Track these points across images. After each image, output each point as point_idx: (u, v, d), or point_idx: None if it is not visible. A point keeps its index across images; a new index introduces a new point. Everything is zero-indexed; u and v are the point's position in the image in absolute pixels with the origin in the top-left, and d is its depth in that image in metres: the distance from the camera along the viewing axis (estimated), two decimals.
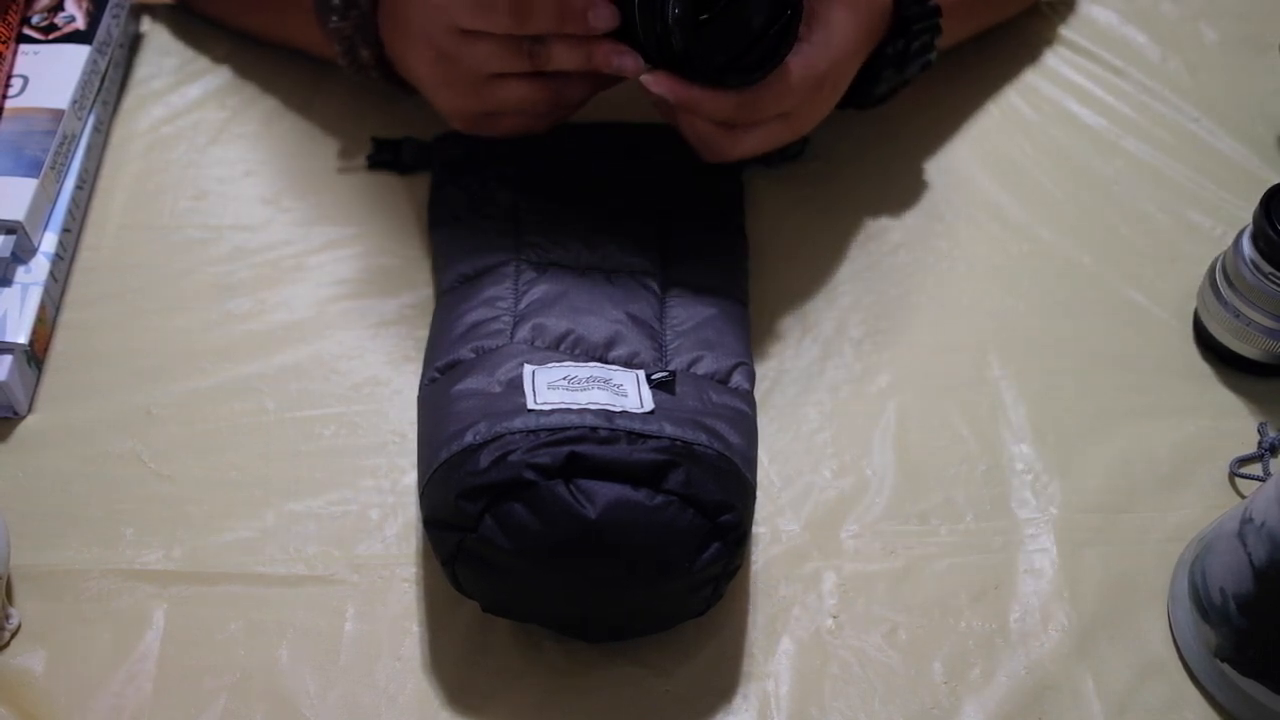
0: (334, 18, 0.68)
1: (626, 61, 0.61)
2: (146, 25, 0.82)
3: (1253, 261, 0.63)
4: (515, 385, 0.56)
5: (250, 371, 0.66)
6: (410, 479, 0.62)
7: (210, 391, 0.66)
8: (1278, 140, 0.78)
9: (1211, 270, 0.67)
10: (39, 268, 0.67)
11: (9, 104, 0.71)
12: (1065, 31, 0.83)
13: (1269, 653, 0.54)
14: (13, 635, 0.57)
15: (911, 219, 0.74)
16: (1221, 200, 0.75)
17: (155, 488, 0.62)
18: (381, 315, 0.69)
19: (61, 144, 0.70)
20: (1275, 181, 0.63)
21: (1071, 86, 0.81)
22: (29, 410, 0.65)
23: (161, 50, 0.81)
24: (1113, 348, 0.69)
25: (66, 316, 0.69)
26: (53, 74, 0.72)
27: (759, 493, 0.59)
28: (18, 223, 0.66)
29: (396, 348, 0.67)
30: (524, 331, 0.60)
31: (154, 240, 0.72)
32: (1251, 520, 0.53)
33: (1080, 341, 0.69)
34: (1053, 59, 0.82)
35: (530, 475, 0.52)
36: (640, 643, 0.57)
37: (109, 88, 0.77)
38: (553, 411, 0.54)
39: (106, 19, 0.76)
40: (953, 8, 0.70)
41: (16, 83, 0.72)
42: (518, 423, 0.54)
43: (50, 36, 0.75)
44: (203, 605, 0.59)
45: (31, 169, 0.68)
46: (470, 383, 0.57)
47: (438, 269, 0.68)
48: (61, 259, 0.69)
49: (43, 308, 0.66)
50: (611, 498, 0.52)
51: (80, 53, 0.74)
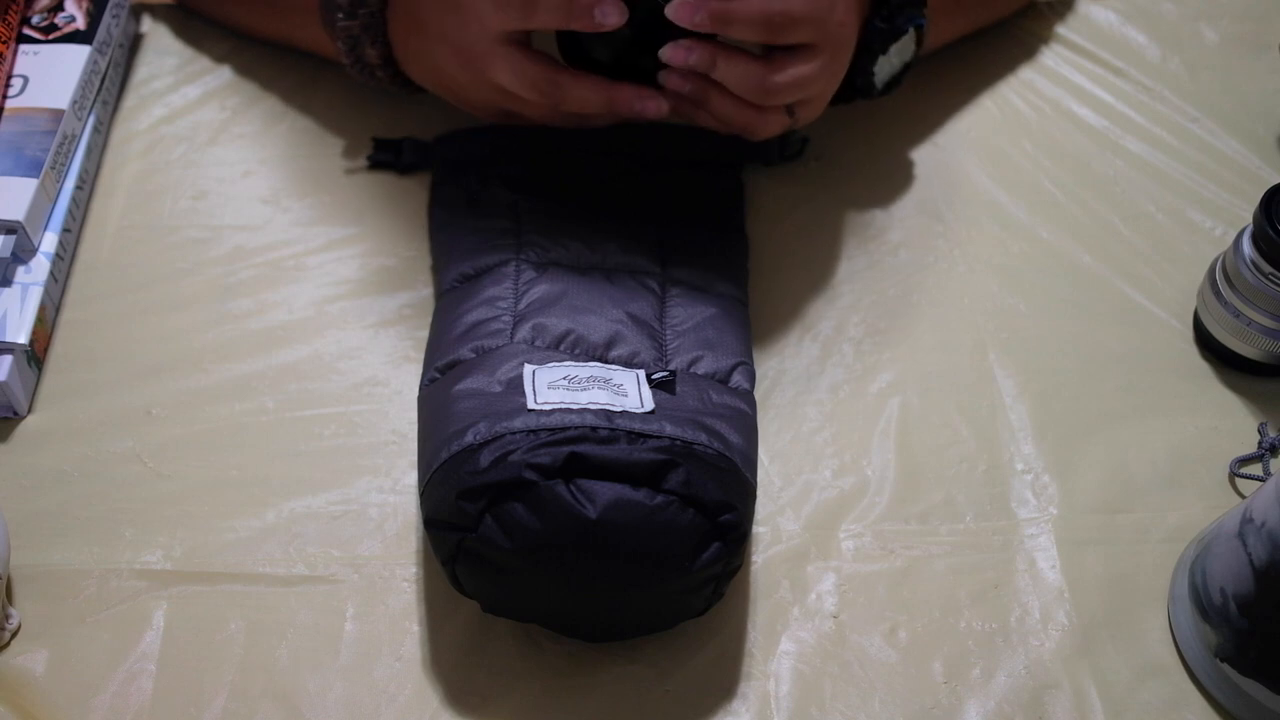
0: (340, 15, 0.68)
1: (649, 106, 0.64)
2: (146, 25, 0.82)
3: (1253, 261, 0.63)
4: (515, 385, 0.56)
5: (250, 371, 0.66)
6: (410, 479, 0.62)
7: (210, 391, 0.66)
8: (1278, 140, 0.78)
9: (1211, 270, 0.67)
10: (39, 268, 0.67)
11: (9, 104, 0.71)
12: (1065, 31, 0.83)
13: (1269, 653, 0.54)
14: (13, 635, 0.57)
15: (911, 219, 0.74)
16: (1221, 200, 0.75)
17: (155, 488, 0.62)
18: (381, 315, 0.69)
19: (61, 144, 0.70)
20: (1275, 181, 0.63)
21: (1071, 86, 0.81)
22: (29, 410, 0.65)
23: (161, 50, 0.81)
24: (1113, 348, 0.69)
25: (66, 316, 0.69)
26: (53, 74, 0.72)
27: (759, 492, 0.59)
28: (18, 223, 0.66)
29: (396, 348, 0.67)
30: (524, 331, 0.60)
31: (154, 240, 0.72)
32: (1252, 520, 0.53)
33: (1080, 341, 0.69)
34: (1053, 58, 0.82)
35: (530, 475, 0.52)
36: (640, 643, 0.57)
37: (109, 88, 0.77)
38: (553, 411, 0.54)
39: (106, 19, 0.76)
40: (943, 3, 0.70)
41: (16, 83, 0.72)
42: (518, 422, 0.54)
43: (50, 36, 0.75)
44: (203, 605, 0.59)
45: (31, 169, 0.68)
46: (470, 382, 0.57)
47: (438, 269, 0.68)
48: (61, 259, 0.69)
49: (43, 308, 0.66)
50: (612, 497, 0.52)
51: (80, 53, 0.74)
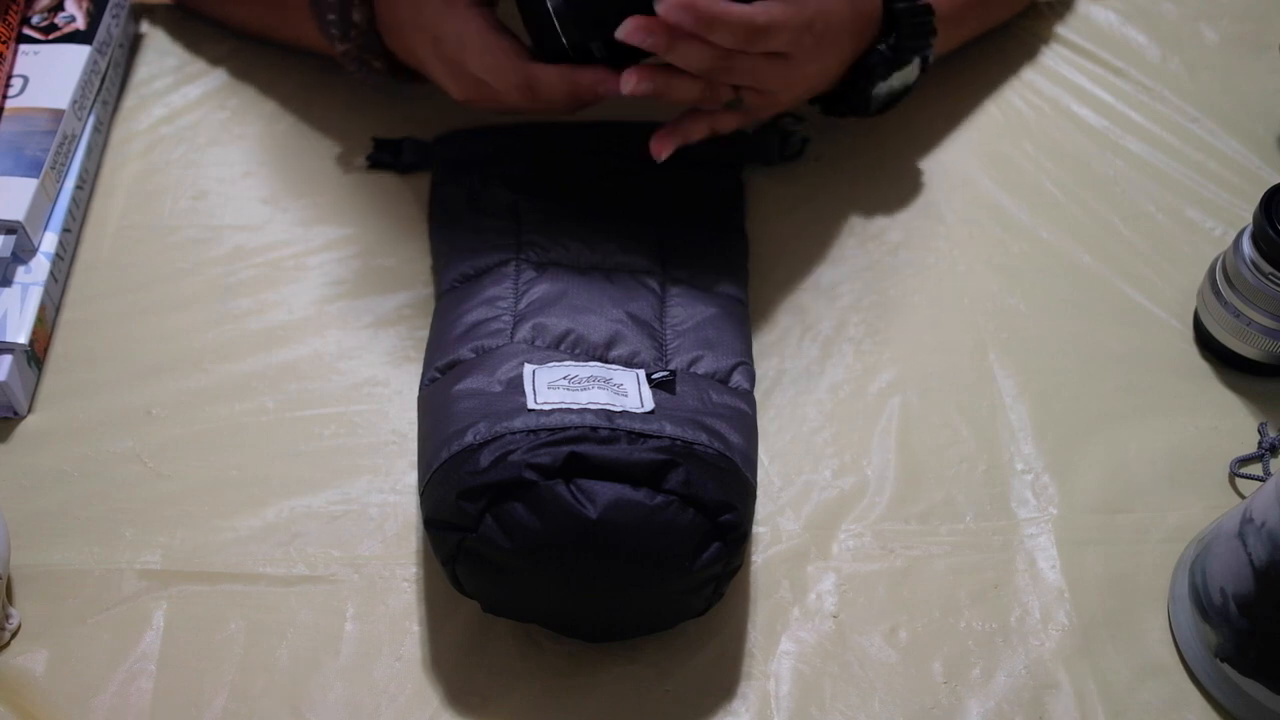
0: (336, 37, 0.69)
1: (610, 87, 0.62)
2: (146, 25, 0.82)
3: (1253, 261, 0.63)
4: (515, 385, 0.56)
5: (250, 371, 0.66)
6: (410, 479, 0.62)
7: (210, 391, 0.66)
8: (1278, 140, 0.78)
9: (1211, 270, 0.67)
10: (39, 268, 0.67)
11: (9, 104, 0.71)
12: (1065, 31, 0.83)
13: (1269, 653, 0.54)
14: (13, 635, 0.57)
15: (911, 219, 0.74)
16: (1221, 200, 0.75)
17: (155, 488, 0.62)
18: (381, 315, 0.69)
19: (61, 144, 0.70)
20: (1275, 181, 0.63)
21: (1071, 86, 0.81)
22: (29, 410, 0.65)
23: (161, 50, 0.81)
24: (1113, 348, 0.69)
25: (66, 316, 0.69)
26: (53, 74, 0.72)
27: (759, 492, 0.59)
28: (18, 223, 0.66)
29: (396, 348, 0.67)
30: (524, 331, 0.60)
31: (154, 240, 0.72)
32: (1252, 520, 0.53)
33: (1080, 341, 0.69)
34: (1053, 58, 0.82)
35: (530, 475, 0.52)
36: (640, 643, 0.57)
37: (109, 88, 0.77)
38: (553, 411, 0.54)
39: (106, 19, 0.76)
40: (947, 13, 0.70)
41: (16, 83, 0.72)
42: (518, 422, 0.54)
43: (50, 36, 0.75)
44: (203, 605, 0.59)
45: (32, 169, 0.68)
46: (470, 382, 0.57)
47: (438, 269, 0.68)
48: (61, 259, 0.69)
49: (43, 308, 0.66)
50: (612, 497, 0.52)
51: (80, 53, 0.74)
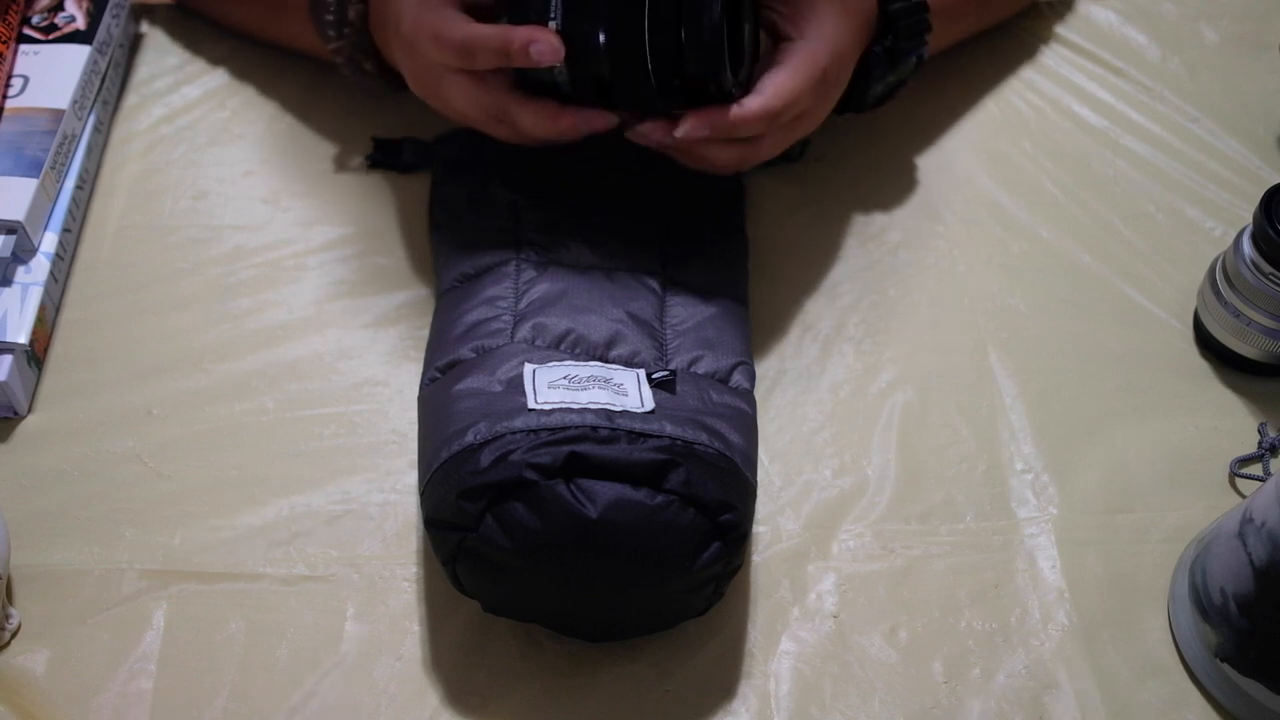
0: (331, 36, 0.69)
1: (597, 124, 0.62)
2: (146, 25, 0.82)
3: (1253, 261, 0.63)
4: (516, 384, 0.56)
5: (250, 371, 0.66)
6: (410, 479, 0.62)
7: (210, 391, 0.66)
8: (1278, 140, 0.78)
9: (1211, 270, 0.67)
10: (39, 268, 0.67)
11: (9, 104, 0.71)
12: (1065, 31, 0.83)
13: (1269, 653, 0.54)
14: (13, 635, 0.57)
15: (911, 219, 0.74)
16: (1221, 200, 0.75)
17: (155, 487, 0.62)
18: (381, 315, 0.69)
19: (61, 144, 0.70)
20: (1275, 181, 0.63)
21: (1071, 86, 0.81)
22: (29, 410, 0.65)
23: (161, 50, 0.81)
24: (1113, 348, 0.69)
25: (66, 316, 0.69)
26: (53, 74, 0.72)
27: (759, 492, 0.59)
28: (18, 223, 0.66)
29: (396, 347, 0.67)
30: (524, 331, 0.60)
31: (154, 240, 0.72)
32: (1252, 520, 0.53)
33: (1080, 341, 0.69)
34: (1053, 58, 0.82)
35: (531, 475, 0.52)
36: (640, 643, 0.57)
37: (109, 88, 0.77)
38: (553, 411, 0.54)
39: (106, 19, 0.76)
40: (943, 9, 0.70)
41: (17, 83, 0.72)
42: (518, 422, 0.54)
43: (50, 36, 0.75)
44: (203, 605, 0.59)
45: (32, 169, 0.68)
46: (471, 382, 0.57)
47: (438, 268, 0.68)
48: (61, 259, 0.69)
49: (43, 308, 0.66)
50: (612, 497, 0.52)
51: (80, 53, 0.74)
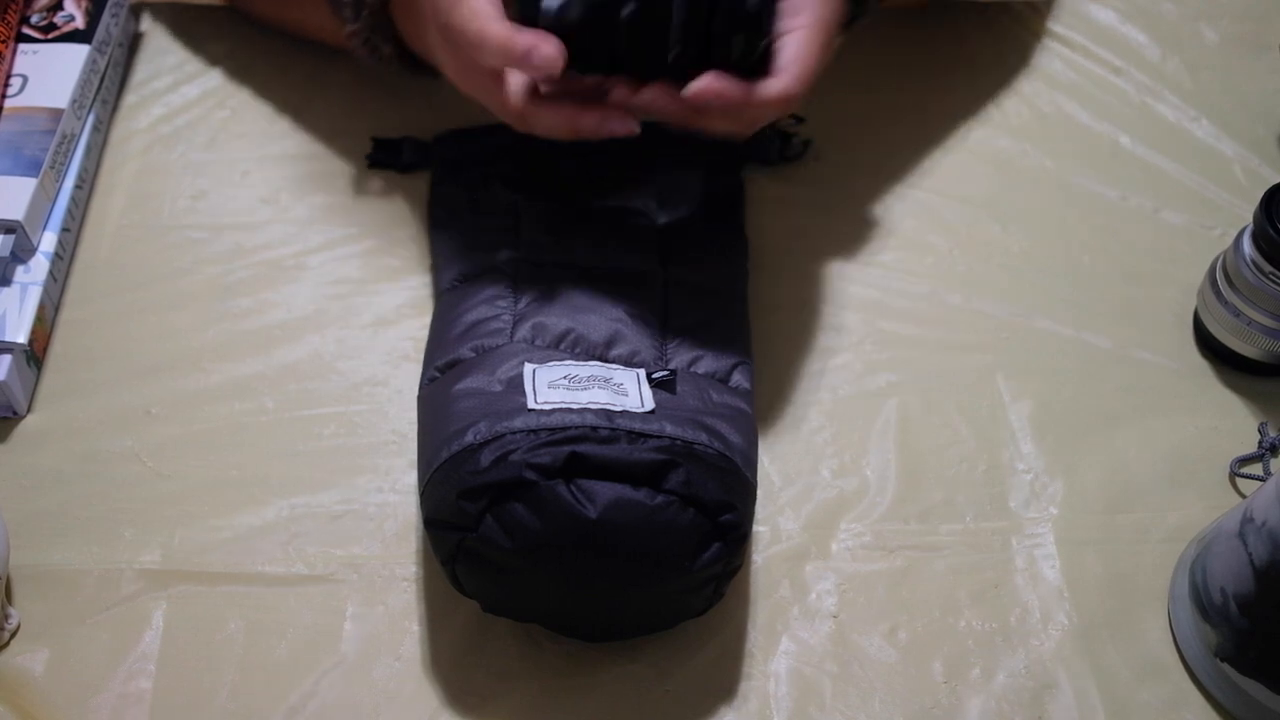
0: (349, 17, 0.68)
1: (616, 128, 0.58)
2: (146, 25, 0.82)
3: (1253, 261, 0.63)
4: (515, 384, 0.56)
5: (250, 371, 0.66)
6: (410, 479, 0.62)
7: (210, 391, 0.66)
8: (1278, 140, 0.78)
9: (1211, 270, 0.67)
10: (38, 267, 0.67)
11: (8, 103, 0.71)
12: (1065, 31, 0.83)
13: (1269, 653, 0.54)
14: (12, 635, 0.57)
15: (910, 219, 0.74)
16: (1221, 200, 0.75)
17: (155, 488, 0.62)
18: (381, 315, 0.69)
19: (61, 143, 0.70)
20: (1275, 181, 0.63)
21: (1071, 86, 0.81)
22: (28, 410, 0.65)
23: (161, 50, 0.81)
24: (1113, 348, 0.69)
25: (66, 316, 0.69)
26: (52, 73, 0.72)
27: (759, 492, 0.59)
28: (17, 222, 0.66)
29: (395, 347, 0.67)
30: (524, 330, 0.60)
31: (153, 240, 0.72)
32: (1252, 520, 0.53)
33: (1080, 341, 0.69)
34: (1052, 58, 0.82)
35: (531, 475, 0.51)
36: (640, 643, 0.57)
37: (108, 87, 0.77)
38: (553, 411, 0.54)
39: (106, 18, 0.76)
40: None
41: (15, 82, 0.72)
42: (518, 422, 0.54)
43: (49, 36, 0.75)
44: (202, 605, 0.59)
45: (31, 168, 0.68)
46: (470, 382, 0.57)
47: (437, 268, 0.68)
48: (61, 258, 0.69)
49: (42, 307, 0.66)
50: (612, 497, 0.51)
51: (79, 52, 0.74)
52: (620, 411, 0.55)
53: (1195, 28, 0.84)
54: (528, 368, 0.57)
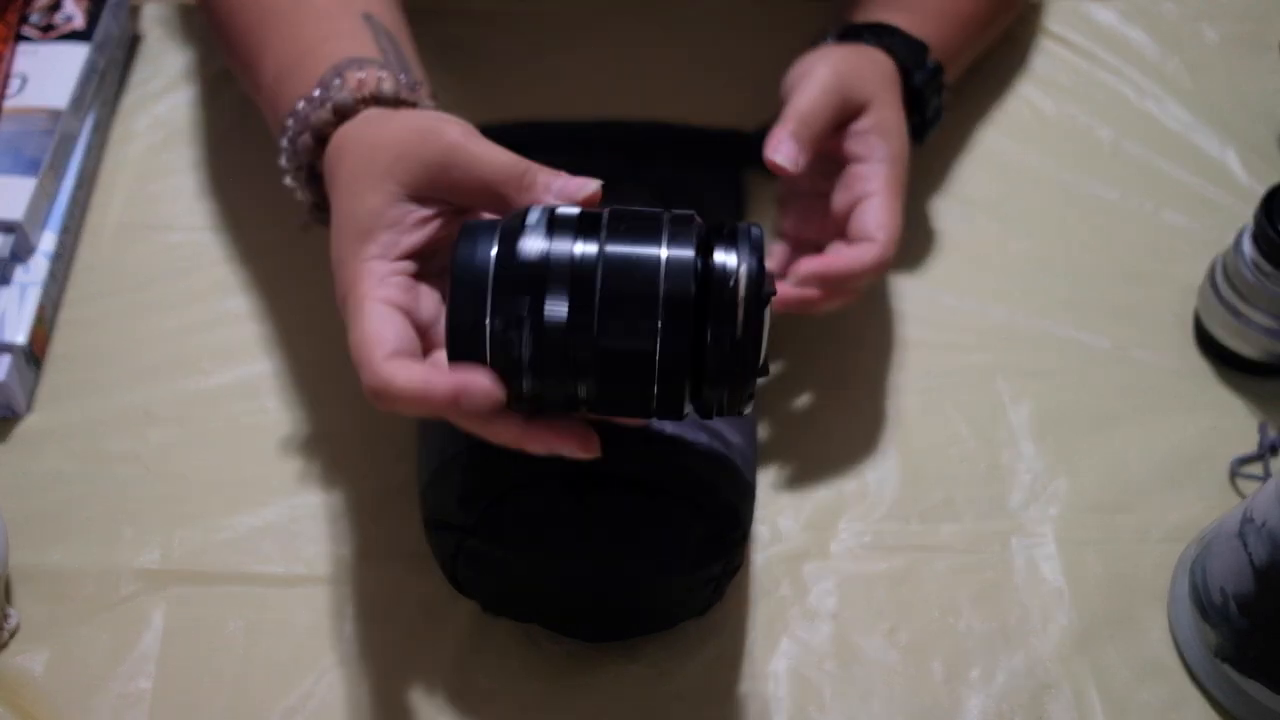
0: (283, 147, 0.57)
1: (571, 447, 0.47)
2: (146, 25, 0.82)
3: (1253, 261, 0.63)
4: None
5: (250, 371, 0.66)
6: (410, 479, 0.62)
7: (210, 391, 0.66)
8: (1278, 140, 0.78)
9: (1211, 270, 0.67)
10: (38, 267, 0.67)
11: (7, 103, 0.71)
12: (1065, 31, 0.83)
13: (1269, 653, 0.54)
14: (12, 635, 0.57)
15: (910, 219, 0.73)
16: (1221, 200, 0.75)
17: (155, 488, 0.62)
18: None
19: (60, 143, 0.70)
20: (1275, 181, 0.63)
21: (1071, 86, 0.81)
22: (28, 410, 0.65)
23: (161, 50, 0.81)
24: (1113, 348, 0.69)
25: (65, 316, 0.68)
26: (51, 73, 0.72)
27: (759, 492, 0.59)
28: (16, 222, 0.66)
29: None
30: None
31: (153, 240, 0.72)
32: (1252, 520, 0.53)
33: (1080, 341, 0.69)
34: (1052, 59, 0.82)
35: (530, 476, 0.51)
36: (640, 642, 0.57)
37: (108, 87, 0.77)
38: None
39: (105, 18, 0.76)
40: (952, 53, 0.69)
41: (15, 82, 0.72)
42: None
43: (49, 35, 0.75)
44: (202, 605, 0.59)
45: (30, 168, 0.68)
46: None
47: None
48: (60, 258, 0.69)
49: (41, 307, 0.66)
50: (611, 498, 0.52)
51: (79, 52, 0.74)
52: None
53: (1195, 28, 0.84)
54: None
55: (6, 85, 0.72)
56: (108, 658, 0.57)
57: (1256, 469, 0.64)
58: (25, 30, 0.75)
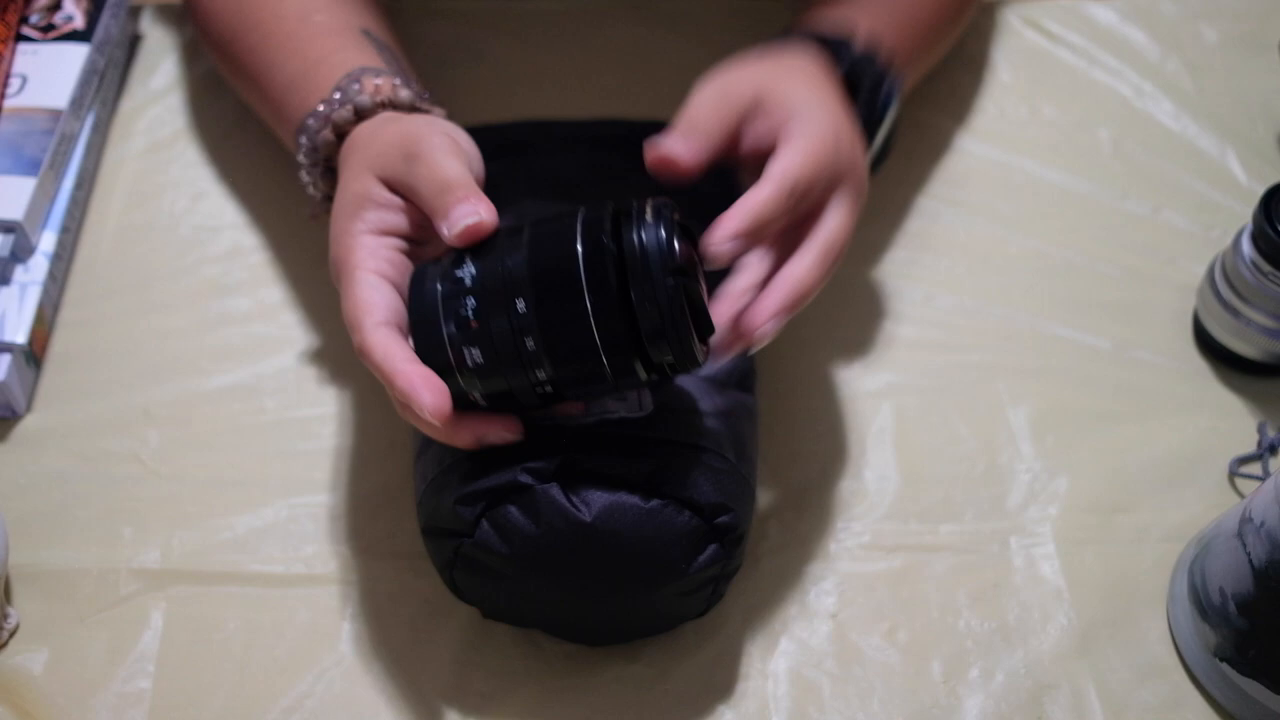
0: (303, 154, 0.60)
1: (500, 432, 0.51)
2: (146, 25, 0.82)
3: (1253, 261, 0.63)
4: None
5: (249, 371, 0.66)
6: (409, 480, 0.62)
7: (209, 391, 0.66)
8: (1278, 140, 0.78)
9: (1211, 270, 0.67)
10: (37, 267, 0.67)
11: (8, 103, 0.71)
12: (1065, 31, 0.83)
13: (1269, 653, 0.54)
14: (12, 635, 0.57)
15: (910, 219, 0.74)
16: (1221, 200, 0.75)
17: (154, 488, 0.62)
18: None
19: (60, 143, 0.70)
20: (1275, 181, 0.63)
21: (1071, 86, 0.81)
22: (28, 410, 0.65)
23: (161, 50, 0.81)
24: (1112, 348, 0.68)
25: (65, 316, 0.69)
26: (51, 73, 0.72)
27: (759, 492, 0.59)
28: (16, 222, 0.66)
29: None
30: None
31: (153, 240, 0.72)
32: (1251, 520, 0.53)
33: (1080, 341, 0.69)
34: (1051, 58, 0.82)
35: (526, 479, 0.51)
36: (640, 643, 0.57)
37: (108, 87, 0.77)
38: None
39: (105, 18, 0.76)
40: (908, 54, 0.67)
41: (15, 82, 0.72)
42: None
43: (49, 35, 0.75)
44: (201, 605, 0.59)
45: (30, 168, 0.68)
46: None
47: None
48: (60, 258, 0.69)
49: (41, 307, 0.66)
50: (607, 501, 0.51)
51: (79, 52, 0.74)
52: (618, 416, 0.54)
53: (1195, 28, 0.84)
54: None
55: (6, 85, 0.72)
56: (107, 657, 0.57)
57: (1255, 469, 0.64)
58: (25, 30, 0.75)
